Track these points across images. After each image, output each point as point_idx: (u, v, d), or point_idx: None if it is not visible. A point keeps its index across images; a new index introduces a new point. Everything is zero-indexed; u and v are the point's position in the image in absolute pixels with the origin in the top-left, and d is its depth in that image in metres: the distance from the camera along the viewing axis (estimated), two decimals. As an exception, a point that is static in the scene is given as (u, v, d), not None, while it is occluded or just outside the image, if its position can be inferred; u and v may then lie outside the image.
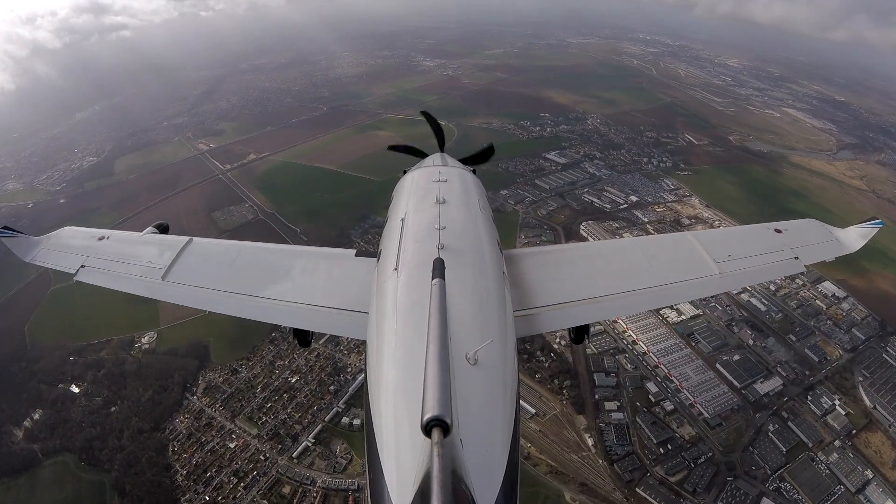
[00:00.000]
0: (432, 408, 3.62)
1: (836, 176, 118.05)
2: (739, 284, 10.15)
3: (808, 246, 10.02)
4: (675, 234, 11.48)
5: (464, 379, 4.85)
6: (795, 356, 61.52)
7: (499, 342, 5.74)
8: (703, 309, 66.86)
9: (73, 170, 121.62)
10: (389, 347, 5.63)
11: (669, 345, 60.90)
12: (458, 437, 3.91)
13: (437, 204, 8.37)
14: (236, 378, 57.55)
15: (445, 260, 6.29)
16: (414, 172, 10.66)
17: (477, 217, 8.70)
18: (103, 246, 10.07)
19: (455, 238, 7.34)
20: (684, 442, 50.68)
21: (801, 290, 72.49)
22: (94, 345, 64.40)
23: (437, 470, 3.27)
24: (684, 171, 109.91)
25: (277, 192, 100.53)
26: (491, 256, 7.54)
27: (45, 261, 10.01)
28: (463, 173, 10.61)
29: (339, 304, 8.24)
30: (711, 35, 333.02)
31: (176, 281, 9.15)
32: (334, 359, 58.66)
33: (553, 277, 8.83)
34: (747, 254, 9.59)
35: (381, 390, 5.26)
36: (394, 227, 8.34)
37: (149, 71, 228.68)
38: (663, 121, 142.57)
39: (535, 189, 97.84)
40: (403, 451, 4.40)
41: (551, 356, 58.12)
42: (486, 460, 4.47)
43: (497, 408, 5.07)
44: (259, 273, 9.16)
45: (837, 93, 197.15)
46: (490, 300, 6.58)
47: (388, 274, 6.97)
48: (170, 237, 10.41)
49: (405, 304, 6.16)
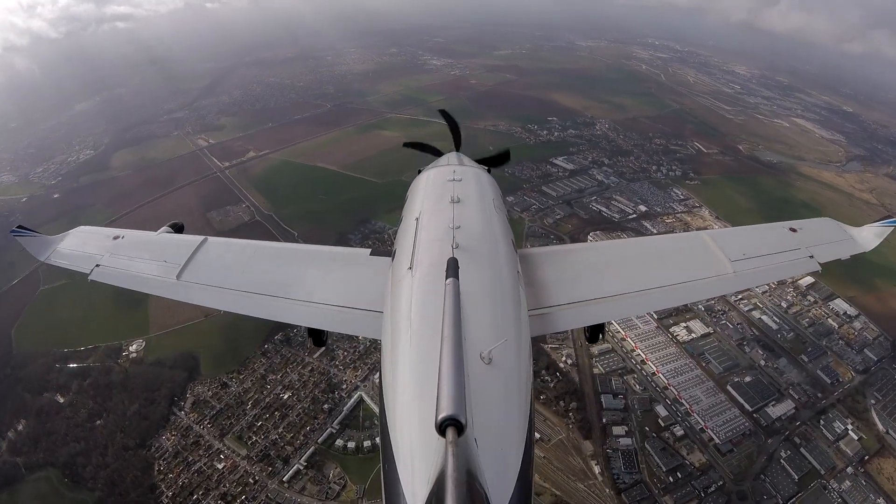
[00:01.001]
0: (447, 407, 3.59)
1: (846, 188, 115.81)
2: (754, 283, 9.68)
3: (823, 245, 9.94)
4: (688, 233, 11.50)
5: (478, 378, 4.81)
6: (808, 378, 59.45)
7: (513, 341, 5.75)
8: (714, 327, 64.50)
9: (70, 163, 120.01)
10: (404, 347, 5.66)
11: (679, 365, 58.44)
12: (472, 436, 3.85)
13: (452, 203, 8.33)
14: (226, 393, 54.93)
15: (460, 259, 6.16)
16: (429, 171, 10.66)
17: (492, 216, 8.67)
18: (118, 245, 10.18)
19: (470, 237, 7.30)
20: (694, 469, 48.35)
21: (812, 308, 70.24)
22: (80, 351, 62.13)
23: (452, 469, 3.26)
24: (694, 181, 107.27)
25: (276, 193, 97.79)
26: (505, 256, 7.56)
27: (59, 260, 10.11)
28: (478, 173, 10.54)
29: (354, 303, 8.27)
30: (720, 41, 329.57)
31: (191, 280, 9.21)
32: (329, 374, 55.93)
33: (567, 276, 8.83)
34: (762, 252, 9.53)
35: (396, 389, 5.29)
36: (408, 226, 8.39)
37: (152, 62, 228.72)
38: (672, 128, 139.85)
39: (541, 196, 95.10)
40: (418, 450, 4.41)
41: (557, 376, 55.63)
42: (501, 459, 4.49)
43: (511, 407, 5.10)
44: (274, 273, 9.16)
45: (846, 104, 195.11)
46: (504, 299, 6.56)
47: (402, 273, 7.01)
48: (185, 236, 10.53)
49: (420, 304, 6.18)
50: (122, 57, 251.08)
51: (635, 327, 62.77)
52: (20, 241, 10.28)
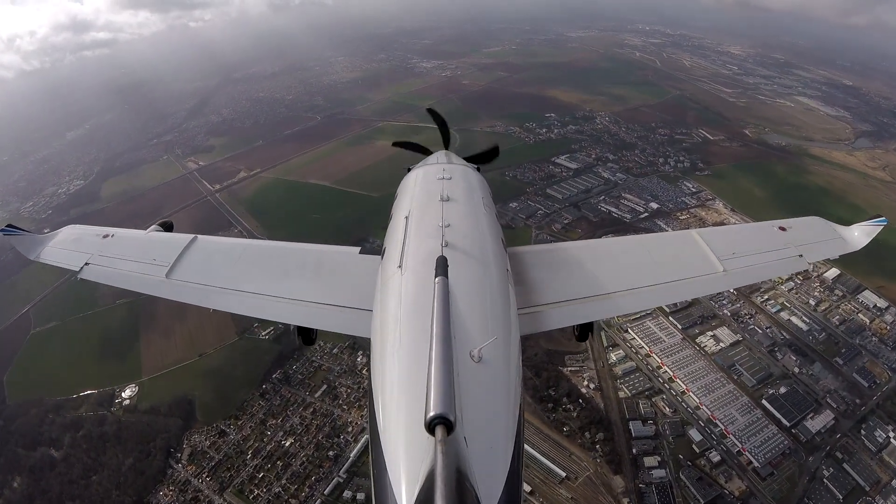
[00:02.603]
0: (436, 405, 3.62)
1: (859, 168, 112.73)
2: (744, 282, 9.49)
3: (813, 244, 10.01)
4: (679, 231, 11.18)
5: (468, 377, 4.74)
6: (844, 382, 55.41)
7: (503, 340, 5.70)
8: (742, 334, 60.28)
9: (60, 195, 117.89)
10: (393, 345, 5.60)
11: (710, 381, 54.13)
12: (461, 434, 3.85)
13: (442, 201, 8.23)
14: (224, 441, 50.85)
15: (449, 258, 6.24)
16: (418, 170, 10.60)
17: (481, 215, 8.54)
18: (107, 244, 10.30)
19: (459, 236, 7.21)
20: (734, 499, 44.16)
21: (841, 303, 66.33)
22: (73, 400, 58.71)
23: (441, 467, 3.28)
24: (704, 172, 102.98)
25: (267, 214, 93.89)
26: (495, 254, 7.46)
27: (49, 258, 10.29)
28: (467, 171, 10.44)
29: (343, 301, 8.30)
30: (710, 22, 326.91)
31: (180, 279, 9.27)
32: (332, 416, 51.64)
33: (557, 275, 8.84)
34: (751, 251, 9.59)
35: (386, 388, 5.25)
36: (398, 224, 8.27)
37: (139, 86, 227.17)
38: (675, 116, 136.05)
39: (546, 200, 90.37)
40: (407, 449, 4.36)
41: (580, 403, 51.24)
42: (490, 457, 4.46)
43: (501, 405, 5.09)
44: (263, 271, 9.26)
45: (844, 77, 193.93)
46: (494, 298, 6.50)
47: (391, 271, 6.96)
48: (174, 235, 10.72)
49: (409, 302, 6.10)
50: (108, 82, 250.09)
51: (660, 341, 58.54)
52: (10, 240, 10.22)
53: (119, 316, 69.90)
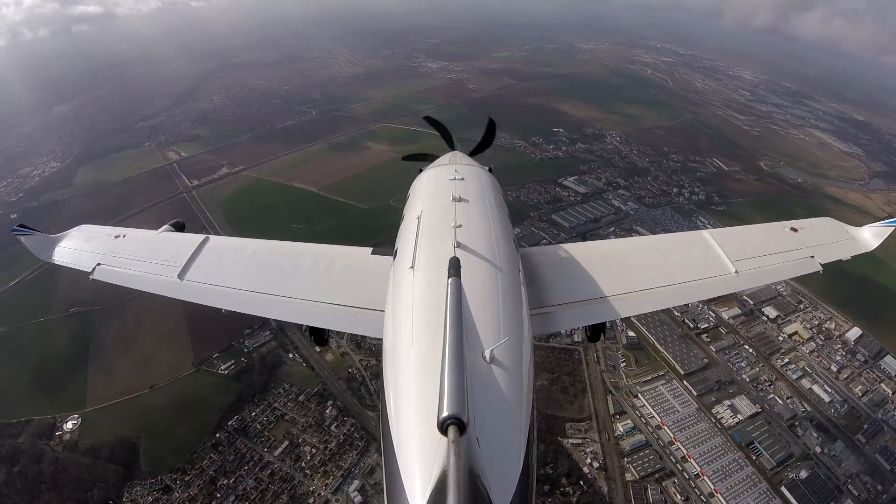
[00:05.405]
0: (448, 406, 3.62)
1: (876, 212, 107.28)
2: (756, 283, 9.14)
3: (824, 244, 9.72)
4: (690, 232, 10.60)
5: (480, 377, 4.74)
6: (866, 465, 50.30)
7: (515, 341, 5.56)
8: (762, 404, 54.14)
9: (34, 176, 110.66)
10: (406, 346, 5.49)
11: (727, 462, 47.77)
12: (474, 435, 3.83)
13: (453, 202, 8.08)
14: (168, 500, 43.53)
15: (461, 258, 6.13)
16: (429, 171, 10.52)
17: (493, 215, 8.30)
18: (119, 244, 10.05)
19: (471, 236, 7.07)
20: None
21: (863, 370, 60.96)
22: (12, 425, 51.68)
23: (454, 468, 3.29)
24: (720, 207, 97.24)
25: (244, 219, 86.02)
26: (507, 255, 7.21)
27: (61, 259, 9.99)
28: (479, 171, 10.29)
29: (355, 302, 8.16)
30: (719, 43, 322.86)
31: (192, 279, 9.06)
32: (293, 481, 44.34)
33: (568, 276, 8.68)
34: (763, 252, 9.33)
35: (398, 389, 5.17)
36: (410, 225, 8.11)
37: (134, 63, 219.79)
38: (688, 140, 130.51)
39: (552, 227, 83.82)
40: (420, 450, 4.31)
41: (580, 485, 44.45)
42: (502, 459, 4.39)
43: (513, 406, 4.96)
44: (275, 271, 9.00)
45: (855, 111, 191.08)
46: (506, 298, 6.28)
47: (404, 272, 6.78)
48: (186, 235, 10.44)
49: (421, 303, 5.97)
50: (104, 58, 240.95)
51: (673, 411, 52.13)
52: (21, 239, 10.08)
53: (72, 327, 62.83)
